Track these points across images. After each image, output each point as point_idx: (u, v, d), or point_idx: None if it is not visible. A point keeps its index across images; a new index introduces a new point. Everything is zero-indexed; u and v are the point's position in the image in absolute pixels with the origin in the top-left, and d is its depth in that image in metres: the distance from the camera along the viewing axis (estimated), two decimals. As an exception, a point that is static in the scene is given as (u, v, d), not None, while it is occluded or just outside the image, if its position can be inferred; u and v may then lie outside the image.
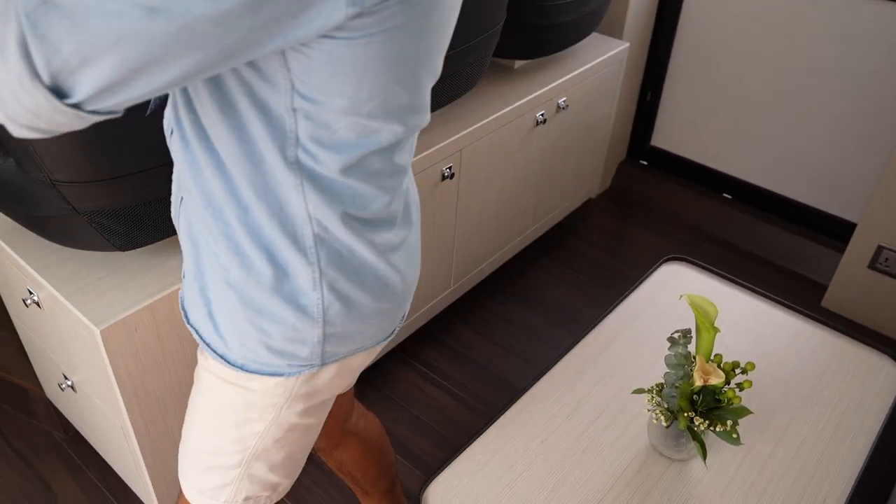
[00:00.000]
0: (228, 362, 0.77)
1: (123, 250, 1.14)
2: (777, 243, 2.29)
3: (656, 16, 2.29)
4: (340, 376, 0.82)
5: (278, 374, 0.77)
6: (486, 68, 1.67)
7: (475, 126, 1.63)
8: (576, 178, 2.20)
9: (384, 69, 0.60)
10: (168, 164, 1.06)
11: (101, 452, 1.52)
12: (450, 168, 1.60)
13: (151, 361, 1.17)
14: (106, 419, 1.29)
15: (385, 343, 0.85)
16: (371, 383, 1.80)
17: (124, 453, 1.32)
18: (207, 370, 0.81)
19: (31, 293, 1.22)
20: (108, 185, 1.01)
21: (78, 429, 1.57)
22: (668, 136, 2.49)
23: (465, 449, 1.14)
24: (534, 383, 1.24)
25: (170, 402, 1.24)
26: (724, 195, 2.41)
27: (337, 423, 1.14)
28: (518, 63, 1.89)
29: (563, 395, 1.22)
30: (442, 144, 1.56)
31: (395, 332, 0.86)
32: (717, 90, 2.29)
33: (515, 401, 1.21)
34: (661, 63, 2.36)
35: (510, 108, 1.72)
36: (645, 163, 2.56)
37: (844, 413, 1.21)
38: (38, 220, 1.11)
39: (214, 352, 0.77)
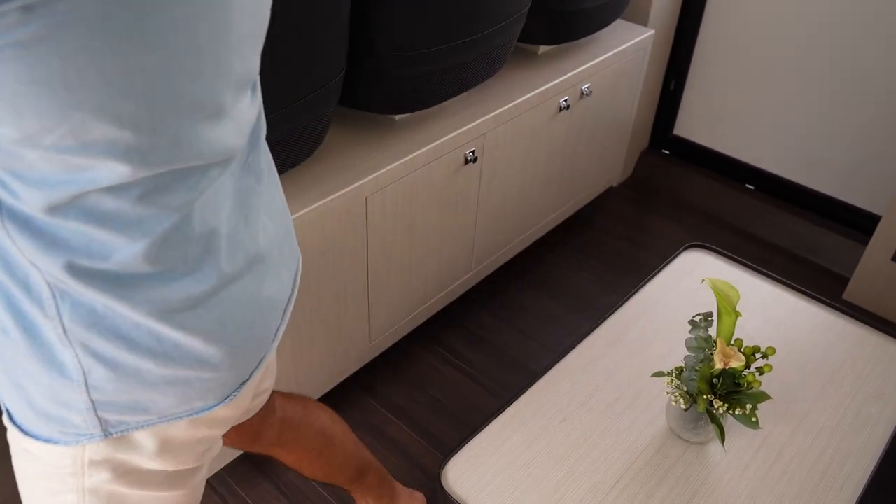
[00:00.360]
0: (14, 423, 0.68)
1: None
2: (799, 234, 2.28)
3: (682, 3, 2.27)
4: (169, 452, 0.72)
5: (53, 441, 0.67)
6: (510, 53, 1.67)
7: (499, 110, 1.64)
8: (597, 165, 2.20)
9: (54, 93, 0.47)
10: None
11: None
12: (473, 152, 1.61)
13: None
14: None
15: (230, 402, 0.73)
16: (390, 364, 1.82)
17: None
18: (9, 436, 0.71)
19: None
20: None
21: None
22: (691, 125, 2.47)
23: (483, 428, 1.15)
24: (553, 364, 1.26)
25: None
26: (747, 185, 2.40)
27: (247, 443, 1.07)
28: (542, 48, 1.89)
29: (582, 376, 1.24)
30: (466, 128, 1.57)
31: (235, 395, 0.73)
32: (743, 79, 2.27)
33: (535, 381, 1.23)
34: (685, 51, 2.35)
35: (534, 93, 1.72)
36: (667, 152, 2.55)
37: (864, 402, 1.21)
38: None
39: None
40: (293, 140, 1.25)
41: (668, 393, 1.09)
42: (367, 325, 1.62)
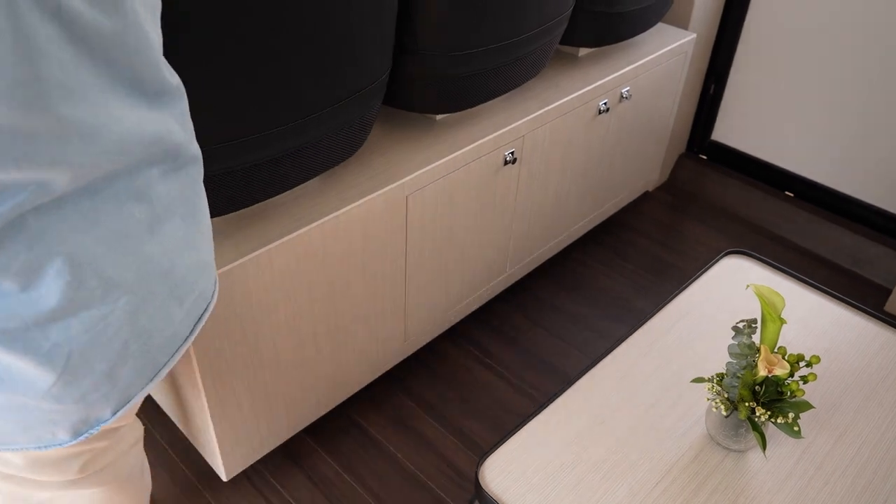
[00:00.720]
0: None
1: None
2: (840, 244, 2.24)
3: (724, 6, 2.25)
4: (42, 467, 0.72)
5: None
6: (551, 55, 1.67)
7: (539, 112, 1.64)
8: (635, 169, 2.19)
9: None
10: (252, 133, 1.10)
11: (166, 411, 1.59)
12: (512, 153, 1.62)
13: (223, 326, 1.22)
14: (177, 379, 1.36)
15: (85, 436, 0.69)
16: (423, 361, 1.84)
17: (194, 416, 1.39)
18: None
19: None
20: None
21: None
22: (730, 130, 2.45)
23: (521, 427, 1.16)
24: (592, 367, 1.26)
25: (240, 365, 1.29)
26: (786, 193, 2.36)
27: None
28: (583, 51, 1.89)
29: (621, 380, 1.23)
30: (506, 129, 1.57)
31: (91, 433, 0.69)
32: (785, 85, 2.24)
33: (573, 383, 1.23)
34: (726, 55, 2.32)
35: (574, 95, 1.72)
36: (704, 157, 2.53)
37: (909, 415, 1.19)
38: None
39: None
40: (337, 139, 1.27)
41: (708, 399, 1.08)
42: (402, 324, 1.63)
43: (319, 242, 1.30)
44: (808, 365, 1.04)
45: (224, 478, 1.44)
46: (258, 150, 1.13)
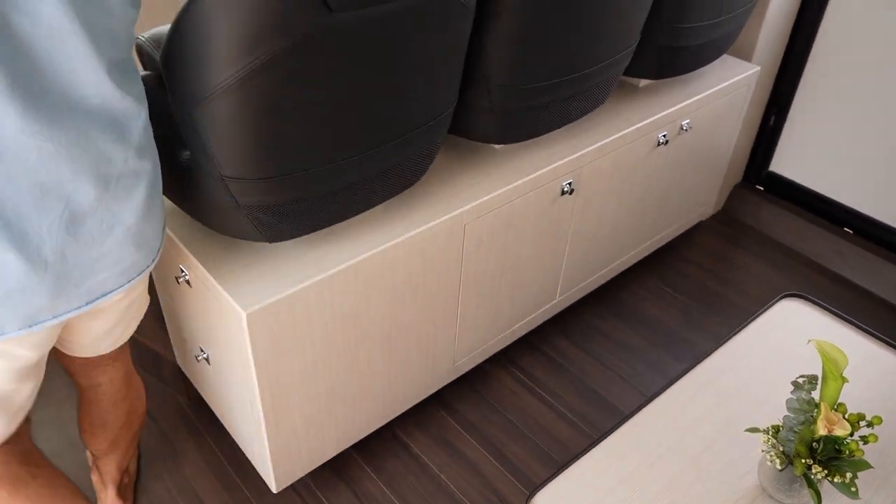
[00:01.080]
0: None
1: (270, 242, 1.24)
2: (899, 285, 2.18)
3: (790, 37, 2.22)
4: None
5: None
6: (614, 88, 1.68)
7: (598, 144, 1.65)
8: (690, 199, 2.17)
9: None
10: (328, 163, 1.14)
11: (223, 421, 1.64)
12: (570, 184, 1.63)
13: (285, 344, 1.26)
14: (236, 393, 1.41)
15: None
16: (469, 382, 1.86)
17: (248, 426, 1.43)
18: None
19: (183, 272, 1.34)
20: (270, 183, 1.10)
21: (202, 395, 1.71)
22: (790, 162, 2.41)
23: (572, 464, 1.17)
24: (645, 405, 1.26)
25: (297, 382, 1.33)
26: (845, 229, 2.32)
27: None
28: (643, 82, 1.89)
29: (674, 420, 1.23)
30: (565, 160, 1.59)
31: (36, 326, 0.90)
32: (846, 119, 2.19)
33: (625, 421, 1.23)
34: (789, 86, 2.29)
35: (633, 127, 1.72)
36: (761, 188, 2.49)
37: (971, 477, 1.16)
38: (200, 208, 1.22)
39: None
40: (404, 167, 1.30)
41: (763, 451, 1.08)
42: (453, 346, 1.65)
43: (379, 268, 1.33)
44: (870, 425, 1.02)
45: (274, 490, 1.49)
46: (331, 180, 1.17)
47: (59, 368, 1.31)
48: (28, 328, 0.89)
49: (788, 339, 1.40)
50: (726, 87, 1.96)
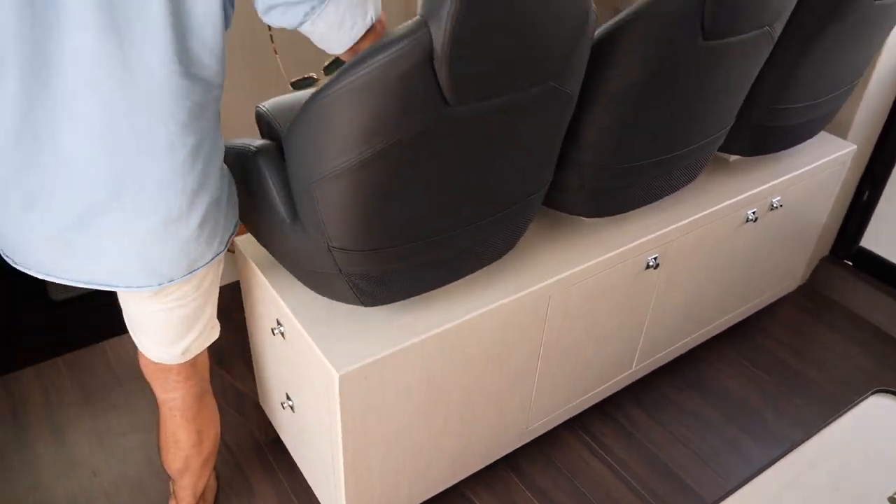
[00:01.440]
0: None
1: (366, 306, 1.29)
2: None
3: (889, 115, 2.16)
4: None
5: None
6: (705, 166, 1.68)
7: (687, 220, 1.65)
8: (775, 273, 2.13)
9: None
10: (429, 237, 1.19)
11: (299, 464, 1.70)
12: (655, 258, 1.63)
13: (371, 404, 1.31)
14: (318, 443, 1.46)
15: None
16: (538, 445, 1.86)
17: (325, 474, 1.48)
18: None
19: (279, 324, 1.41)
20: (373, 255, 1.16)
21: (281, 437, 1.77)
22: (882, 238, 2.33)
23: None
24: (730, 495, 1.24)
25: (378, 438, 1.37)
26: (940, 314, 2.22)
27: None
28: (734, 156, 1.88)
29: (755, 520, 1.21)
30: (653, 235, 1.59)
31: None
32: (949, 201, 2.12)
33: (704, 516, 1.21)
34: (886, 162, 2.22)
35: (723, 204, 1.72)
36: (850, 263, 2.42)
37: None
38: (302, 270, 1.29)
39: None
40: (498, 241, 1.34)
41: (853, 565, 1.05)
42: (527, 411, 1.67)
43: (465, 335, 1.37)
44: (972, 552, 0.98)
45: (346, 539, 1.53)
46: (430, 252, 1.22)
47: (152, 401, 1.40)
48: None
49: (880, 442, 1.36)
50: (821, 166, 1.92)
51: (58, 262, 1.06)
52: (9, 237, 1.06)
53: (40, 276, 1.08)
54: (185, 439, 1.43)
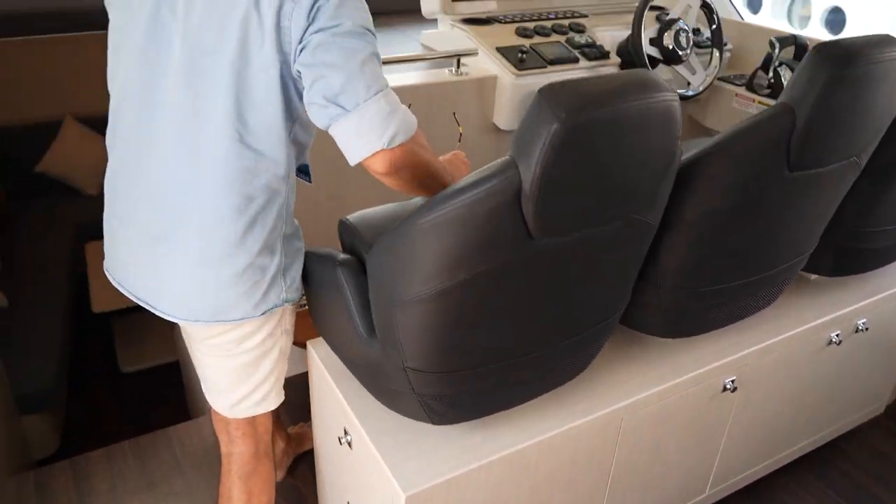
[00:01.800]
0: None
1: (436, 424, 1.27)
2: None
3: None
4: None
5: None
6: (787, 287, 1.63)
7: (766, 343, 1.59)
8: (860, 397, 2.01)
9: None
10: (503, 361, 1.18)
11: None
12: (732, 381, 1.57)
13: (436, 527, 1.27)
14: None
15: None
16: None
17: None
18: None
19: (346, 433, 1.40)
20: (447, 376, 1.16)
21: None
22: (976, 362, 2.18)
23: None
24: None
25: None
26: None
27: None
28: (815, 275, 1.82)
29: None
30: (730, 358, 1.54)
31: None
32: None
33: None
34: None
35: (804, 327, 1.65)
36: (941, 386, 2.26)
37: None
38: (376, 385, 1.29)
39: None
40: (571, 363, 1.31)
41: None
42: (594, 536, 1.59)
43: (534, 457, 1.33)
44: None
45: None
46: (503, 375, 1.21)
47: (213, 487, 1.40)
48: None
49: None
50: (909, 287, 1.84)
51: (136, 279, 1.22)
52: (109, 250, 1.25)
53: (122, 291, 1.25)
54: (237, 497, 1.45)
